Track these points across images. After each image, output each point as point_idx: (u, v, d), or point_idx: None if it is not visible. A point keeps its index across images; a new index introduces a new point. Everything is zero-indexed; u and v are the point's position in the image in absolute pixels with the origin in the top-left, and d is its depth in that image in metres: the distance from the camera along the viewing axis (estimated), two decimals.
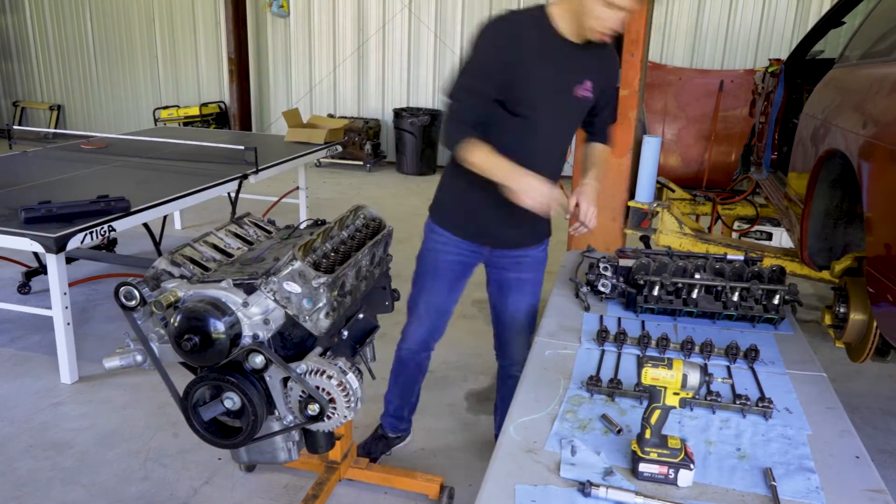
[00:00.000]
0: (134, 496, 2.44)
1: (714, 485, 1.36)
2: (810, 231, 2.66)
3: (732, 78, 7.02)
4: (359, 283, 1.86)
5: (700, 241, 3.29)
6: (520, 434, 1.52)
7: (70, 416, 2.93)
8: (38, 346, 3.53)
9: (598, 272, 2.26)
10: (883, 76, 2.16)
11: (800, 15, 7.20)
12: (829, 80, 2.76)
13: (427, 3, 8.24)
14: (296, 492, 2.46)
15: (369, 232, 2.00)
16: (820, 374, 1.84)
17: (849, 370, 3.42)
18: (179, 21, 9.26)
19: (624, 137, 3.26)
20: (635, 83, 3.19)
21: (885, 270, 1.84)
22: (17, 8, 9.94)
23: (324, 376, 1.59)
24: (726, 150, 6.97)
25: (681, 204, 4.26)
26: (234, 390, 1.58)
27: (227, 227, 1.98)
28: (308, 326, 1.64)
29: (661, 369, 1.37)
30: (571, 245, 3.47)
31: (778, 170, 3.88)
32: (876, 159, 1.95)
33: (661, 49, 7.61)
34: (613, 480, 1.36)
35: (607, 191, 3.32)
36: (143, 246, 4.96)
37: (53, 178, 4.05)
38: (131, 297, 1.59)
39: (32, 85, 10.23)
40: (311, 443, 1.80)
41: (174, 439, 2.76)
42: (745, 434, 1.54)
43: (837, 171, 2.46)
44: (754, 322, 2.13)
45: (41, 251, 2.99)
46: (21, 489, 2.46)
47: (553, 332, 2.04)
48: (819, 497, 1.33)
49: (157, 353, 1.66)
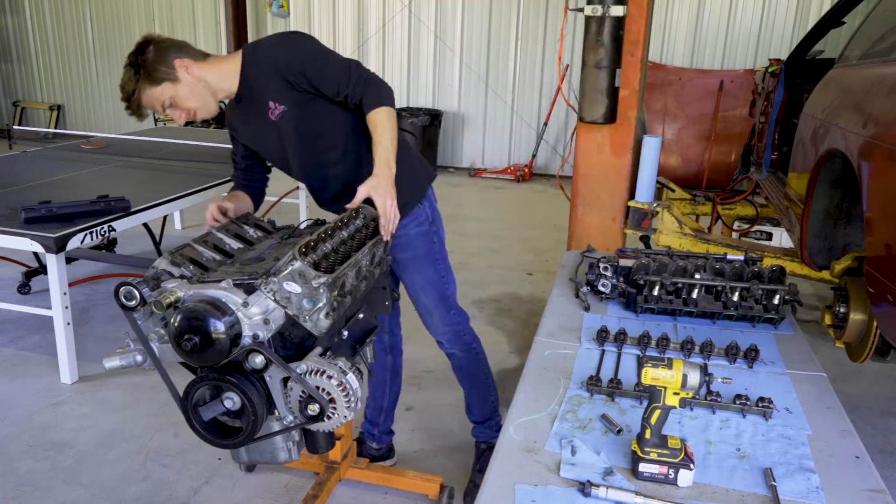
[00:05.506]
0: (134, 496, 2.44)
1: (714, 485, 1.36)
2: (810, 231, 2.66)
3: (732, 78, 7.02)
4: (359, 283, 1.85)
5: (700, 241, 3.29)
6: (520, 434, 1.52)
7: (70, 416, 2.93)
8: (38, 346, 3.53)
9: (598, 272, 2.26)
10: (883, 76, 2.16)
11: (800, 15, 7.20)
12: (829, 80, 2.76)
13: (427, 3, 8.24)
14: (296, 492, 2.46)
15: (369, 232, 1.99)
16: (820, 374, 1.84)
17: (849, 370, 3.41)
18: (179, 21, 9.26)
19: (624, 137, 3.26)
20: (635, 83, 3.19)
21: (885, 270, 1.84)
22: (17, 8, 9.94)
23: (324, 376, 1.59)
24: (726, 150, 6.96)
25: (681, 204, 4.26)
26: (234, 390, 1.58)
27: (227, 227, 1.98)
28: (308, 326, 1.64)
29: (661, 369, 1.37)
30: (571, 245, 3.48)
31: (778, 170, 3.88)
32: (876, 159, 1.95)
33: (661, 49, 7.61)
34: (613, 480, 1.36)
35: (607, 191, 3.33)
36: (143, 246, 4.96)
37: (53, 178, 4.05)
38: (131, 297, 1.59)
39: (32, 85, 10.24)
40: (311, 443, 1.80)
41: (174, 439, 2.76)
42: (745, 434, 1.54)
43: (837, 171, 2.46)
44: (754, 322, 2.13)
45: (41, 251, 2.99)
46: (21, 489, 2.46)
47: (553, 332, 2.04)
48: (819, 497, 1.33)
49: (157, 353, 1.66)
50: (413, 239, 2.22)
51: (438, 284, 2.29)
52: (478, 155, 8.65)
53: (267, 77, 1.97)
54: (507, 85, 8.32)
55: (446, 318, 2.32)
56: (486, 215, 6.51)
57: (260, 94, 2.00)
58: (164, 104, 1.92)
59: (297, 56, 1.96)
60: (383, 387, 2.55)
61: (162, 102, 1.92)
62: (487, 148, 8.60)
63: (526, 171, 8.20)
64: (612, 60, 3.10)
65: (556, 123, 8.24)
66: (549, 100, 8.09)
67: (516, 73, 8.26)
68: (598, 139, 3.27)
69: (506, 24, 8.14)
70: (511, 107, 8.35)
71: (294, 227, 2.11)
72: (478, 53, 8.30)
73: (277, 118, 2.01)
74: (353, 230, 1.94)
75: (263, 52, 2.00)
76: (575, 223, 3.45)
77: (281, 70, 1.94)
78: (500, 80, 8.32)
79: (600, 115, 3.16)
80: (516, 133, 8.46)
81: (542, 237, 5.82)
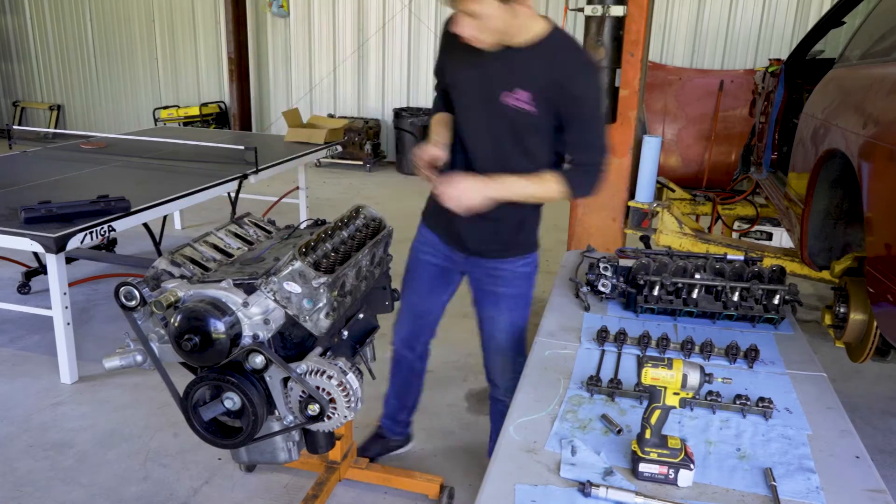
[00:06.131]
0: (134, 496, 2.44)
1: (714, 485, 1.36)
2: (810, 231, 2.66)
3: (732, 78, 7.02)
4: (359, 283, 1.86)
5: (700, 241, 3.29)
6: (520, 434, 1.52)
7: (70, 416, 2.93)
8: (38, 346, 3.53)
9: (598, 272, 2.26)
10: (883, 76, 2.16)
11: (800, 15, 7.20)
12: (829, 80, 2.76)
13: (427, 3, 8.24)
14: (296, 492, 2.46)
15: (369, 232, 2.00)
16: (820, 374, 1.84)
17: (849, 370, 3.41)
18: (179, 21, 9.26)
19: (624, 137, 3.26)
20: (635, 83, 3.19)
21: (885, 270, 1.84)
22: (17, 8, 9.94)
23: (324, 376, 1.59)
24: (726, 150, 6.97)
25: (681, 204, 4.26)
26: (234, 390, 1.58)
27: (227, 227, 1.98)
28: (308, 326, 1.64)
29: (661, 369, 1.37)
30: (571, 245, 3.48)
31: (778, 170, 3.88)
32: (876, 159, 1.95)
33: (661, 49, 7.60)
34: (613, 480, 1.36)
35: (607, 191, 3.33)
36: (143, 246, 4.96)
37: (53, 178, 4.05)
38: (131, 297, 1.59)
39: (32, 85, 10.23)
40: (311, 443, 1.80)
41: (174, 439, 2.76)
42: (745, 434, 1.54)
43: (837, 171, 2.46)
44: (754, 322, 2.13)
45: (41, 251, 2.99)
46: (21, 489, 2.46)
47: (553, 332, 2.04)
48: (819, 497, 1.33)
49: (157, 353, 1.66)
50: (518, 276, 2.18)
51: (521, 328, 2.23)
52: None
53: (544, 74, 1.86)
54: None
55: (515, 362, 2.21)
56: None
57: (519, 72, 1.88)
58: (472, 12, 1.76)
59: (583, 93, 1.90)
60: (409, 388, 2.53)
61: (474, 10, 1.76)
62: None
63: None
64: (612, 60, 3.11)
65: None
66: None
67: None
68: None
69: None
70: None
71: (294, 227, 2.11)
72: None
73: (511, 105, 1.89)
74: (353, 230, 1.94)
75: (566, 56, 1.88)
76: (575, 223, 3.45)
77: (562, 88, 1.85)
78: None
79: None
80: None
81: (542, 237, 5.82)
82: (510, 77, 1.89)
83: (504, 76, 1.89)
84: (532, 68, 1.87)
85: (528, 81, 1.88)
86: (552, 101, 1.88)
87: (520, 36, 1.86)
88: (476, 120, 2.00)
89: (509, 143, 1.97)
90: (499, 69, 1.90)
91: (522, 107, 1.89)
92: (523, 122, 1.92)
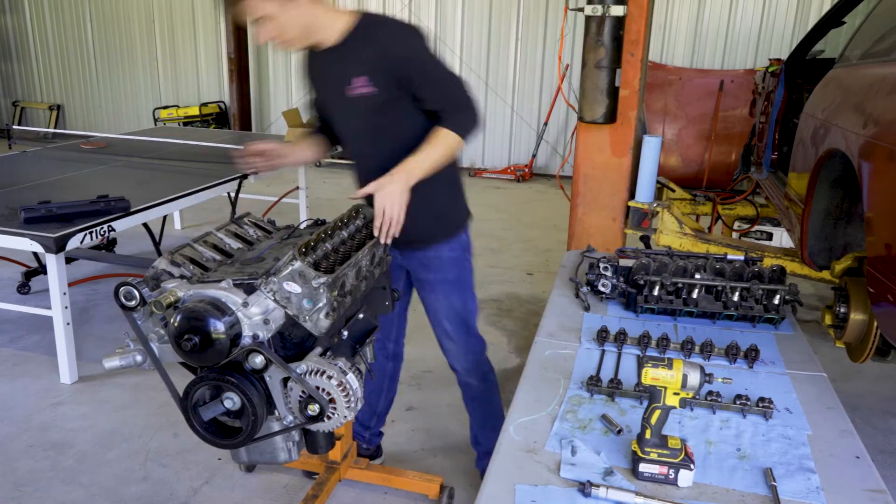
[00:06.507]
0: (134, 496, 2.44)
1: (714, 485, 1.36)
2: (810, 231, 2.66)
3: (732, 78, 7.02)
4: (359, 283, 1.85)
5: (700, 241, 3.29)
6: (520, 434, 1.52)
7: (70, 416, 2.93)
8: (38, 346, 3.53)
9: (598, 272, 2.26)
10: (883, 76, 2.15)
11: (800, 15, 7.20)
12: (829, 80, 2.76)
13: (427, 3, 8.24)
14: (296, 492, 2.46)
15: (369, 232, 1.99)
16: (820, 374, 1.84)
17: (849, 370, 3.41)
18: (179, 21, 9.26)
19: (624, 137, 3.26)
20: (635, 83, 3.19)
21: (885, 270, 1.84)
22: (17, 8, 9.94)
23: (324, 376, 1.59)
24: (726, 150, 6.96)
25: (681, 204, 4.26)
26: (234, 390, 1.58)
27: (227, 227, 1.98)
28: (308, 326, 1.64)
29: (661, 369, 1.37)
30: (571, 245, 3.48)
31: (778, 170, 3.88)
32: (876, 159, 1.95)
33: (661, 49, 7.61)
34: (613, 480, 1.36)
35: (607, 191, 3.33)
36: (143, 246, 4.96)
37: (53, 178, 4.05)
38: (131, 297, 1.59)
39: (32, 85, 10.24)
40: (311, 443, 1.80)
41: (174, 439, 2.76)
42: (746, 434, 1.54)
43: (837, 171, 2.46)
44: (754, 322, 2.13)
45: (41, 251, 2.99)
46: (21, 489, 2.46)
47: (553, 332, 2.04)
48: (819, 497, 1.33)
49: (157, 353, 1.66)
50: (445, 262, 2.20)
51: (463, 311, 2.25)
52: (478, 155, 8.66)
53: (369, 54, 1.89)
54: (507, 85, 8.32)
55: (467, 344, 2.26)
56: (485, 215, 6.50)
57: (348, 64, 1.92)
58: (261, 16, 1.79)
59: (412, 54, 1.91)
60: (380, 392, 2.52)
61: (263, 14, 1.79)
62: (487, 148, 8.61)
63: (526, 171, 8.20)
64: (612, 60, 3.10)
65: (556, 123, 8.24)
66: (549, 100, 8.09)
67: (516, 73, 8.26)
68: (599, 139, 3.27)
69: (506, 24, 8.14)
70: (511, 107, 8.35)
71: (294, 227, 2.11)
72: (478, 53, 8.30)
73: (355, 96, 1.93)
74: (353, 230, 1.94)
75: (381, 31, 1.93)
76: (575, 223, 3.45)
77: (389, 57, 1.88)
78: (500, 79, 8.32)
79: (600, 115, 3.16)
80: (516, 133, 8.46)
81: (542, 237, 5.82)
82: (345, 71, 1.93)
83: (340, 73, 1.95)
84: (358, 53, 1.91)
85: (359, 67, 1.91)
86: (387, 72, 1.89)
87: (330, 32, 1.92)
88: (342, 125, 2.10)
89: (375, 132, 2.01)
90: (335, 70, 1.96)
91: (364, 92, 1.91)
92: (372, 104, 1.94)
